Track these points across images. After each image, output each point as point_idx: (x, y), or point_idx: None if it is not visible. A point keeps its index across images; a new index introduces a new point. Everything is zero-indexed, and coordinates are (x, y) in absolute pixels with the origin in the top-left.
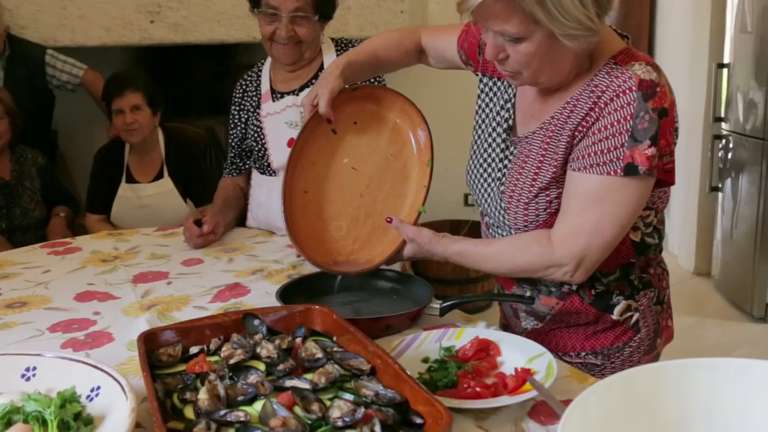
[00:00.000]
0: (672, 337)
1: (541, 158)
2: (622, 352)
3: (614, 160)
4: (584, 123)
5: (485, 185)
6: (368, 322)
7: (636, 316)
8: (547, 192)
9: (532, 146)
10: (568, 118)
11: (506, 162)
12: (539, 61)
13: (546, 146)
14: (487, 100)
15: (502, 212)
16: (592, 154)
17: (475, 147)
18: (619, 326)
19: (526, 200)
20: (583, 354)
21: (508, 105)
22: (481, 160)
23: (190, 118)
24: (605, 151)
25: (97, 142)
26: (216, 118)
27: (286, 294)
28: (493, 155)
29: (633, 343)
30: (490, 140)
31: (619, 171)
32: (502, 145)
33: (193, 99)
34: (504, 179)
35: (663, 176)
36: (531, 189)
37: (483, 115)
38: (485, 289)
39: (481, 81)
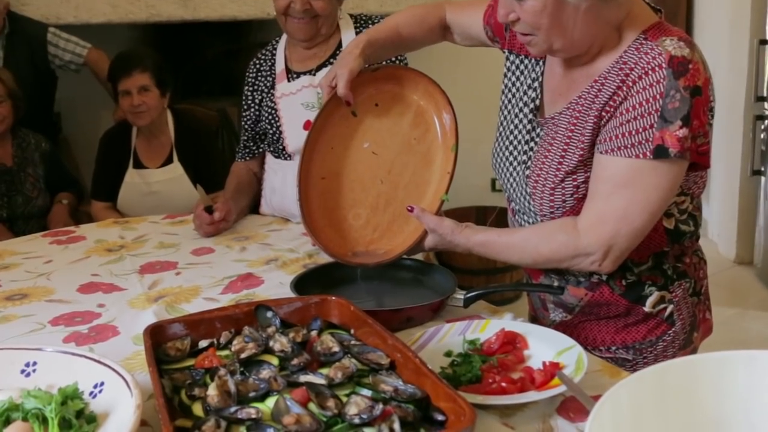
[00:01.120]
0: (710, 331)
1: (568, 140)
2: (655, 346)
3: (643, 142)
4: (612, 102)
5: (510, 169)
6: (388, 314)
7: (670, 308)
8: (574, 176)
9: (558, 127)
10: (595, 97)
11: (532, 144)
12: (548, 22)
13: (573, 127)
14: (513, 78)
15: (528, 198)
16: (620, 136)
17: (500, 129)
18: (651, 319)
19: (552, 185)
20: (614, 348)
21: (536, 84)
22: (507, 143)
23: (200, 99)
24: (633, 132)
25: (102, 126)
26: (228, 100)
27: (302, 284)
28: (519, 137)
29: (667, 337)
30: (516, 121)
31: (648, 154)
32: (528, 127)
33: (204, 79)
34: (529, 163)
35: (697, 159)
36: (557, 173)
37: (509, 95)
38: (513, 279)
39: (507, 59)
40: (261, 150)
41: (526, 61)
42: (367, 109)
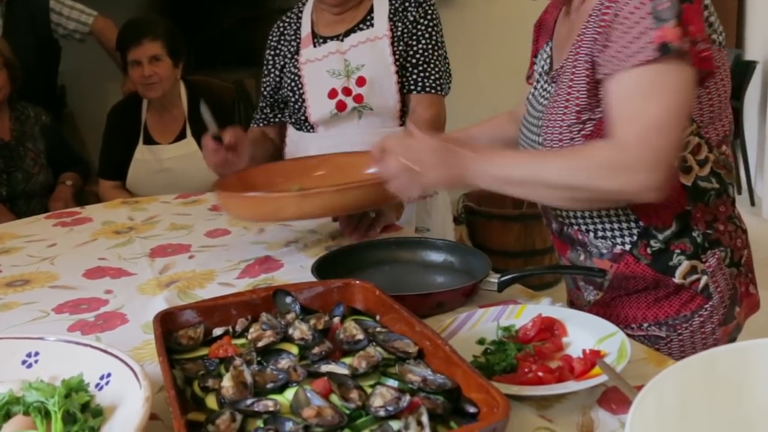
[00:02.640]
0: (757, 307)
1: (571, 79)
2: (690, 321)
3: (645, 46)
4: (602, 24)
5: (527, 131)
6: (416, 299)
7: (704, 279)
8: (579, 109)
9: (564, 74)
10: (590, 30)
11: (542, 101)
12: None
13: (574, 67)
14: (537, 74)
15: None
16: (621, 51)
17: (525, 110)
18: (684, 291)
19: (560, 130)
20: (645, 325)
21: (548, 48)
22: (526, 118)
23: (215, 70)
24: (633, 41)
25: (110, 99)
26: (245, 71)
27: (324, 268)
28: (539, 98)
29: (704, 312)
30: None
31: (654, 53)
32: (544, 87)
33: (220, 49)
34: (542, 115)
35: (699, 64)
36: (565, 116)
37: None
38: (553, 262)
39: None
40: (278, 119)
41: (543, 50)
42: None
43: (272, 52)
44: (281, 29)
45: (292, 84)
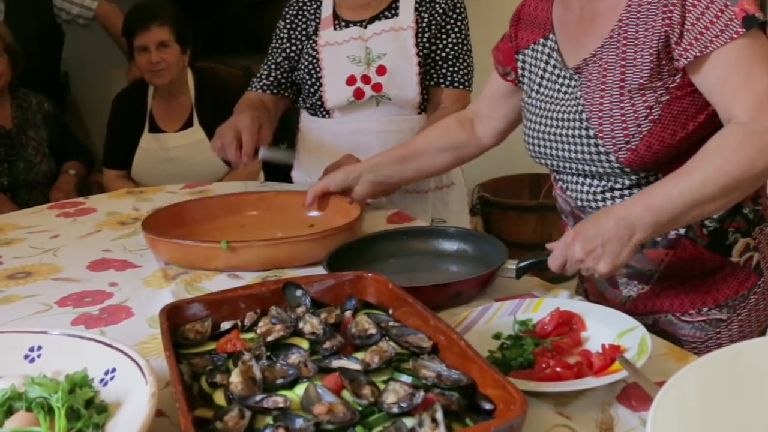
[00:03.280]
0: None
1: (623, 64)
2: (747, 300)
3: (729, 23)
4: (666, 12)
5: (558, 132)
6: (432, 290)
7: (756, 256)
8: (642, 95)
9: (604, 61)
10: (642, 14)
11: (570, 97)
12: None
13: (624, 53)
14: (528, 67)
15: (592, 144)
16: (704, 33)
17: (529, 113)
18: (740, 270)
19: (619, 109)
20: (705, 310)
21: (549, 42)
22: (542, 117)
23: (223, 56)
24: (713, 21)
25: (114, 86)
26: (253, 57)
27: (335, 260)
28: (556, 100)
29: (757, 289)
30: (545, 91)
31: (740, 28)
32: (560, 83)
33: (227, 35)
34: (581, 108)
35: None
36: (621, 94)
37: (531, 82)
38: None
39: (519, 62)
40: (282, 93)
41: (533, 48)
42: None
43: (288, 26)
44: (300, 4)
45: (309, 67)
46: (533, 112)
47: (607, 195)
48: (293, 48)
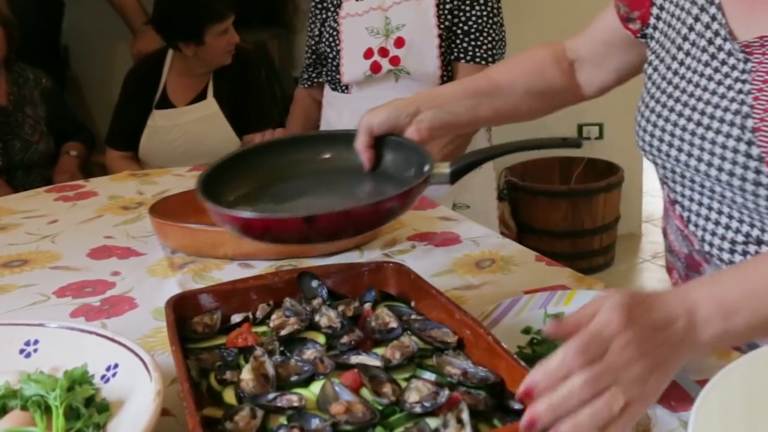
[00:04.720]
0: None
1: None
2: None
3: None
4: None
5: (689, 133)
6: (366, 211)
7: None
8: None
9: None
10: None
11: (740, 84)
12: None
13: None
14: (665, 25)
15: (751, 168)
16: None
17: (658, 93)
18: None
19: None
20: None
21: (712, 7)
22: (677, 100)
23: (237, 31)
24: None
25: (117, 61)
26: (267, 31)
27: (212, 185)
28: (709, 89)
29: None
30: (694, 67)
31: None
32: (721, 61)
33: (241, 8)
34: (740, 110)
35: None
36: None
37: (666, 45)
38: (604, 243)
39: (653, 23)
40: (321, 79)
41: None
42: None
43: (319, 5)
44: None
45: (330, 39)
46: (663, 90)
47: (751, 247)
48: (319, 23)
